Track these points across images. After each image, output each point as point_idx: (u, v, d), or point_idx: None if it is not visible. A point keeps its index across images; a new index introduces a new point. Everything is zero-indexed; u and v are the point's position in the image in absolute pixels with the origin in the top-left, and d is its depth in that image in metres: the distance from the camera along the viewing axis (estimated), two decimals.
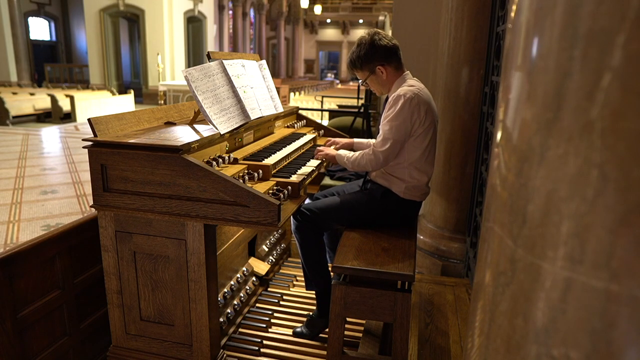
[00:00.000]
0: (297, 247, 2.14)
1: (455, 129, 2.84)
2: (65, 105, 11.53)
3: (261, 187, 1.75)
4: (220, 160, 1.77)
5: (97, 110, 11.62)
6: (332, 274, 1.92)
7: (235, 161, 1.89)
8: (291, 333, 2.19)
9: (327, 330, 2.07)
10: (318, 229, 2.06)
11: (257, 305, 2.43)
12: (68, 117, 11.51)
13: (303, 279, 2.72)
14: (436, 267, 2.97)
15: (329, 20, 30.42)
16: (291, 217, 2.02)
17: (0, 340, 1.58)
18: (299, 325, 2.23)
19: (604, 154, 0.42)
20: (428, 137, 1.97)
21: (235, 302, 2.21)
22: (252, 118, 2.09)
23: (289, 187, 1.83)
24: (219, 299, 2.01)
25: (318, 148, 2.19)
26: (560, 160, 0.46)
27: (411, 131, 1.92)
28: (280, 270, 2.84)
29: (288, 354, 2.05)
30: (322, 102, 9.96)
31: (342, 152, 2.13)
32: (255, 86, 2.27)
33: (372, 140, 2.21)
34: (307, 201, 2.35)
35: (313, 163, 2.18)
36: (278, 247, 2.86)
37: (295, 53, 30.08)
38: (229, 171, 1.75)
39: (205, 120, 1.89)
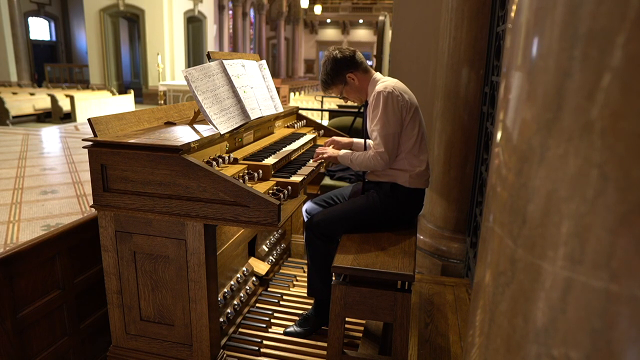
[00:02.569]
0: (307, 258, 2.17)
1: (455, 129, 2.84)
2: (65, 105, 11.53)
3: (261, 187, 1.75)
4: (220, 160, 1.77)
5: (97, 110, 11.62)
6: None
7: (235, 161, 1.89)
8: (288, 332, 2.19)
9: (325, 329, 2.07)
10: (329, 240, 2.08)
11: (257, 305, 2.43)
12: (68, 117, 11.52)
13: (303, 279, 2.73)
14: (436, 267, 2.97)
15: (329, 20, 30.40)
16: (303, 231, 2.05)
17: (0, 340, 1.58)
18: None
19: (604, 154, 0.42)
20: (417, 123, 2.03)
21: (235, 302, 2.21)
22: (252, 118, 2.09)
23: (289, 187, 1.83)
24: (219, 299, 2.01)
25: (318, 150, 2.19)
26: (560, 160, 0.46)
27: (402, 120, 1.98)
28: (280, 270, 2.84)
29: (288, 354, 2.05)
30: (322, 102, 9.95)
31: (344, 151, 2.14)
32: (255, 86, 2.27)
33: (369, 141, 2.22)
34: (308, 203, 2.35)
35: (313, 163, 2.18)
36: (278, 247, 2.86)
37: (295, 53, 30.07)
38: (229, 171, 1.75)
39: (205, 120, 1.89)
